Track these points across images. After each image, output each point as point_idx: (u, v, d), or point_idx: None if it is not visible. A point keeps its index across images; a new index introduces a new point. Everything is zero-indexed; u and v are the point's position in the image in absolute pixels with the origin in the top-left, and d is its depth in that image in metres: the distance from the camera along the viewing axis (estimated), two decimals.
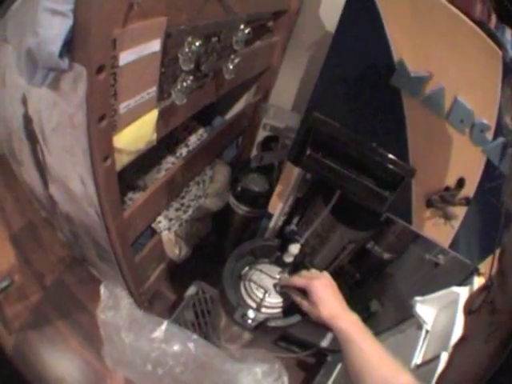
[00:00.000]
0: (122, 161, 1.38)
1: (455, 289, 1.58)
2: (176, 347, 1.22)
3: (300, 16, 2.42)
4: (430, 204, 1.50)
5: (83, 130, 1.15)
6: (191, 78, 1.49)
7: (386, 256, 2.13)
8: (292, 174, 1.77)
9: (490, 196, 1.40)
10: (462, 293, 1.55)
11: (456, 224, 1.54)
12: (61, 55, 0.98)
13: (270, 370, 1.24)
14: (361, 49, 1.33)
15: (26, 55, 1.01)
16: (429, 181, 1.47)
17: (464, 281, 1.64)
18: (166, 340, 1.23)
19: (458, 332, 1.42)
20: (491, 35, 1.20)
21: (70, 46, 1.00)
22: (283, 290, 1.61)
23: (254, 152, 2.97)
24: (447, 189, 1.46)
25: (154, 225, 2.10)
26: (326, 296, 1.42)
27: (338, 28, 1.34)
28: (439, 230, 1.58)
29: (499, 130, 1.31)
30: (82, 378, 2.19)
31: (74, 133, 1.19)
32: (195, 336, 1.26)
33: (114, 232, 1.57)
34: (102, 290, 1.31)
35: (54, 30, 0.95)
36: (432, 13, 1.21)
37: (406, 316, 1.83)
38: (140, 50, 1.18)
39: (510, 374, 0.64)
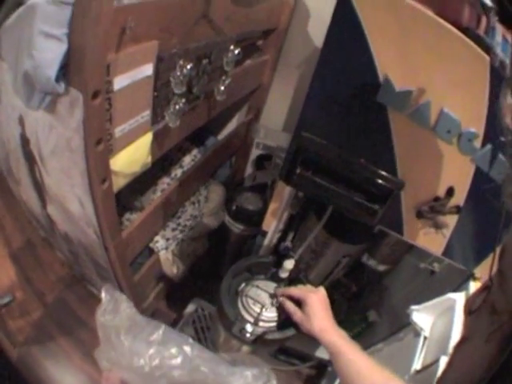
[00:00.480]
0: (118, 183, 1.40)
1: (451, 295, 1.61)
2: (173, 350, 1.23)
3: (289, 34, 2.44)
4: (420, 215, 1.53)
5: (81, 153, 1.17)
6: (183, 100, 1.50)
7: (381, 268, 2.15)
8: (284, 192, 1.79)
9: (488, 197, 1.37)
10: (459, 299, 1.57)
11: (447, 232, 1.56)
12: (57, 79, 1.01)
13: (260, 374, 1.26)
14: (346, 67, 1.36)
15: (23, 78, 1.04)
16: (418, 192, 1.50)
17: (460, 286, 1.67)
18: (163, 343, 1.25)
19: (456, 337, 1.43)
20: (479, 40, 1.23)
21: (65, 71, 1.02)
22: (279, 299, 1.63)
23: (248, 171, 2.98)
24: (437, 199, 1.48)
25: (151, 244, 2.12)
26: (319, 310, 1.46)
27: (323, 46, 1.36)
28: (431, 239, 1.60)
29: (488, 136, 1.33)
30: None
31: (71, 156, 1.21)
32: (191, 340, 1.27)
33: (112, 252, 1.58)
34: (103, 293, 1.31)
35: (49, 53, 0.97)
36: (416, 25, 1.24)
37: (404, 323, 1.84)
38: (133, 75, 1.20)
39: (511, 375, 0.64)
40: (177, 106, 1.49)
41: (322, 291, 1.55)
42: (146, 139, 1.45)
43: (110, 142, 1.26)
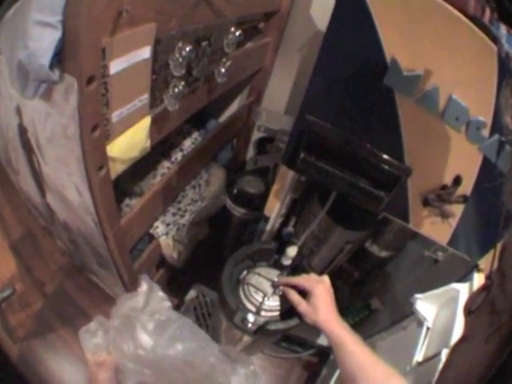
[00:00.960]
0: (116, 169, 1.38)
1: (455, 285, 1.59)
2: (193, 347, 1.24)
3: (291, 16, 2.41)
4: (426, 203, 1.50)
5: (76, 140, 1.15)
6: (183, 83, 1.48)
7: (384, 254, 2.13)
8: (287, 176, 1.76)
9: (490, 195, 1.37)
10: (462, 289, 1.55)
11: (453, 222, 1.54)
12: (51, 67, 0.98)
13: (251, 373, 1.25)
14: (352, 48, 1.32)
15: (17, 68, 1.02)
16: (425, 180, 1.47)
17: (464, 277, 1.64)
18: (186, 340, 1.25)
19: (459, 328, 1.42)
20: (486, 30, 1.20)
21: (60, 57, 1.00)
22: (282, 288, 1.60)
23: (250, 154, 2.99)
24: (444, 187, 1.45)
25: (151, 230, 2.10)
26: (325, 301, 1.44)
27: (328, 28, 1.32)
28: (437, 228, 1.57)
29: (496, 127, 1.30)
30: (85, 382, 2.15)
31: (67, 143, 1.19)
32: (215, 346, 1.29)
33: (111, 239, 1.57)
34: (141, 283, 1.41)
35: (43, 42, 0.94)
36: (424, 10, 1.20)
37: (407, 313, 1.83)
38: (130, 58, 1.17)
39: (511, 375, 0.64)
40: (176, 89, 1.47)
41: (326, 281, 1.52)
42: (145, 123, 1.42)
43: (107, 128, 1.23)
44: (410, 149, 1.41)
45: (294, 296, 1.51)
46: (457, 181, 1.43)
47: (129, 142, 1.37)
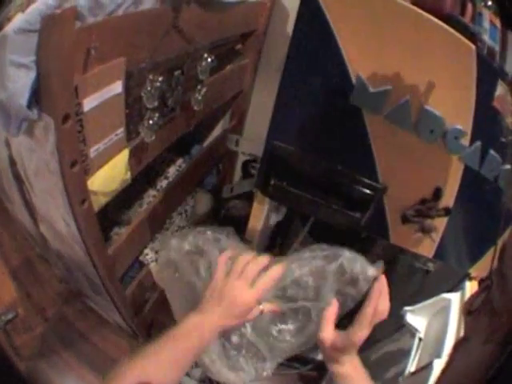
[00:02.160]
0: (99, 201, 1.41)
1: (446, 295, 1.58)
2: None
3: (268, 36, 2.42)
4: (405, 219, 1.46)
5: (58, 175, 1.18)
6: (157, 114, 1.49)
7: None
8: (264, 201, 1.70)
9: (476, 203, 1.40)
10: (454, 299, 1.53)
11: (437, 236, 1.49)
12: (29, 106, 1.02)
13: None
14: (316, 69, 1.28)
15: (0, 108, 1.04)
16: (402, 196, 1.43)
17: (456, 286, 1.62)
18: None
19: (451, 338, 1.37)
20: (463, 28, 1.15)
21: (37, 97, 1.03)
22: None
23: (236, 177, 2.99)
24: (423, 201, 1.42)
25: (141, 257, 2.11)
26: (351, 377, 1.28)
27: (290, 49, 1.30)
28: (420, 243, 1.53)
29: (476, 133, 1.25)
30: None
31: (51, 177, 1.21)
32: None
33: (101, 268, 1.58)
34: None
35: (20, 82, 0.98)
36: (389, 16, 1.16)
37: (400, 325, 1.81)
38: (103, 94, 1.20)
39: (510, 374, 0.64)
40: (150, 121, 1.48)
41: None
42: (123, 156, 1.45)
43: (86, 163, 1.25)
44: (383, 166, 1.36)
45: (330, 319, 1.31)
46: (437, 194, 1.39)
47: (108, 176, 1.39)
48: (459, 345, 0.87)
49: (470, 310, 0.85)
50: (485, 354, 0.71)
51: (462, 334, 1.00)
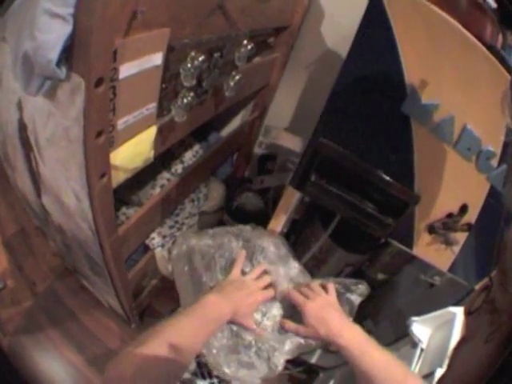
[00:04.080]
0: (118, 178, 1.34)
1: (452, 309, 1.57)
2: None
3: (301, 33, 2.38)
4: (432, 230, 1.49)
5: (79, 144, 1.09)
6: (192, 94, 1.44)
7: (380, 277, 2.12)
8: (292, 198, 1.73)
9: (492, 222, 1.40)
10: (459, 313, 1.54)
11: (457, 249, 1.53)
12: (58, 63, 0.93)
13: None
14: (373, 73, 1.31)
15: (22, 60, 0.95)
16: (432, 207, 1.46)
17: (460, 301, 1.63)
18: None
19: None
20: (501, 59, 1.20)
21: (68, 54, 0.94)
22: (279, 320, 1.58)
23: (250, 169, 2.97)
24: (450, 215, 1.45)
25: (147, 241, 2.06)
26: (319, 317, 1.43)
27: (351, 49, 1.32)
28: (439, 255, 1.57)
29: (504, 156, 1.31)
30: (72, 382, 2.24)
31: (69, 146, 1.13)
32: None
33: (107, 248, 1.52)
34: None
35: (52, 34, 0.88)
36: (445, 37, 1.21)
37: (401, 335, 1.82)
38: (142, 63, 1.13)
39: (510, 374, 0.63)
40: (185, 100, 1.42)
41: (322, 297, 1.53)
42: (150, 133, 1.38)
43: (112, 134, 1.18)
44: (420, 176, 1.40)
45: (290, 326, 1.51)
46: (463, 209, 1.43)
47: (133, 151, 1.33)
48: (460, 345, 0.84)
49: (470, 310, 0.81)
50: (485, 354, 0.70)
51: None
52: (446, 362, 1.38)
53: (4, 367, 1.58)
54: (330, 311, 1.46)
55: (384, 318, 2.25)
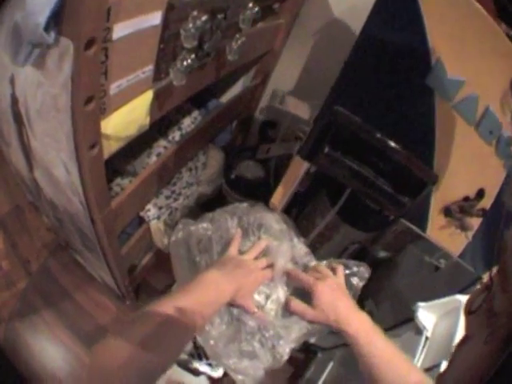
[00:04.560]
0: (110, 148, 1.26)
1: (459, 297, 1.55)
2: None
3: (306, 1, 2.31)
4: (448, 213, 1.45)
5: (67, 113, 1.02)
6: (193, 56, 1.36)
7: (383, 254, 2.06)
8: (300, 169, 1.62)
9: (502, 211, 1.37)
10: (465, 301, 1.46)
11: (470, 235, 1.49)
12: (47, 28, 0.86)
13: None
14: (396, 40, 1.26)
15: (12, 31, 0.92)
16: (450, 189, 1.42)
17: (466, 288, 1.59)
18: None
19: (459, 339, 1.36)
20: None
21: (58, 19, 0.86)
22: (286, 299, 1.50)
23: (250, 137, 2.91)
24: (467, 199, 1.41)
25: (142, 213, 2.00)
26: (330, 300, 1.37)
27: (371, 14, 1.27)
28: (453, 240, 1.52)
29: None
30: (66, 366, 2.27)
31: (57, 116, 1.06)
32: None
33: (99, 224, 1.47)
34: None
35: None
36: (472, 18, 1.18)
37: (402, 318, 1.79)
38: (138, 23, 1.04)
39: (510, 374, 0.61)
40: (184, 62, 1.34)
41: (332, 279, 1.46)
42: (146, 98, 1.30)
43: (103, 100, 1.10)
44: (440, 155, 1.35)
45: (298, 305, 1.42)
46: (480, 194, 1.39)
47: (126, 118, 1.25)
48: (460, 345, 0.82)
49: (470, 310, 0.80)
50: (485, 354, 0.68)
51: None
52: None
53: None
54: (340, 295, 1.40)
55: (385, 299, 2.22)
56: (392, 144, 1.29)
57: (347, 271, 1.57)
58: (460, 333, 1.40)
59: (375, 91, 1.32)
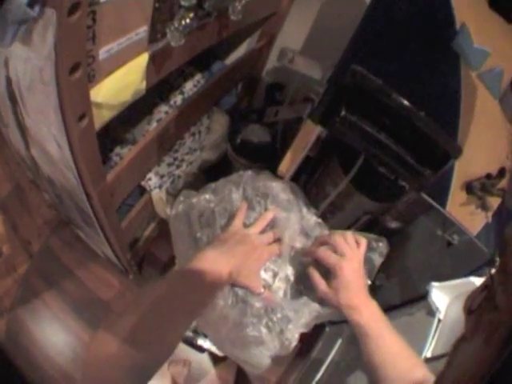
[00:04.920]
0: (102, 117, 1.20)
1: (472, 279, 1.52)
2: None
3: None
4: (469, 190, 1.40)
5: (53, 84, 0.97)
6: (191, 15, 1.28)
7: (394, 225, 1.98)
8: (311, 134, 1.52)
9: None
10: (479, 284, 1.43)
11: (489, 215, 1.45)
12: (31, 4, 0.82)
13: None
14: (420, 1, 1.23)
15: None
16: (472, 165, 1.37)
17: (479, 269, 1.55)
18: None
19: None
20: None
21: None
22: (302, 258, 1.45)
23: (257, 100, 2.84)
24: (489, 176, 1.36)
25: (143, 182, 1.94)
26: (350, 284, 1.29)
27: None
28: (473, 219, 1.47)
29: None
30: (71, 353, 2.27)
31: (44, 89, 1.01)
32: None
33: (95, 199, 1.43)
34: None
35: None
36: None
37: (414, 294, 1.78)
38: None
39: (510, 375, 0.58)
40: (183, 22, 1.26)
41: (357, 257, 1.36)
42: (141, 61, 1.23)
43: (92, 67, 1.03)
44: (464, 127, 1.26)
45: (315, 275, 1.35)
46: (501, 172, 1.35)
47: (119, 84, 1.19)
48: (459, 343, 0.78)
49: (470, 309, 0.78)
50: (485, 354, 0.65)
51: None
52: None
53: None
54: (358, 279, 1.33)
55: (396, 274, 2.18)
56: (416, 110, 1.17)
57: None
58: None
59: (397, 50, 1.23)
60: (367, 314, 1.25)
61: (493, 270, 0.71)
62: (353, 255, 1.34)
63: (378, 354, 1.19)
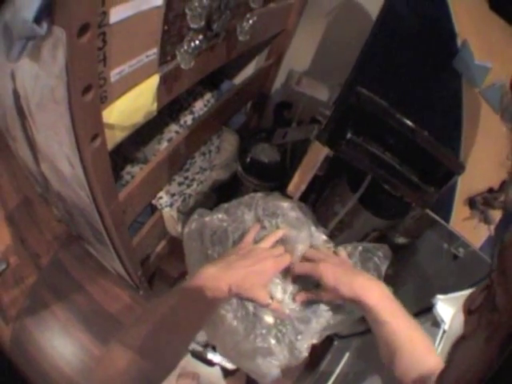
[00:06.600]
0: (114, 138, 1.21)
1: None
2: None
3: None
4: (472, 205, 1.41)
5: (65, 104, 0.97)
6: (200, 37, 1.30)
7: (402, 241, 2.02)
8: (319, 155, 1.55)
9: None
10: None
11: (492, 228, 1.43)
12: (38, 20, 0.81)
13: None
14: (420, 20, 1.25)
15: (2, 30, 0.88)
16: (475, 180, 1.38)
17: (482, 281, 1.50)
18: None
19: None
20: None
21: (50, 9, 0.81)
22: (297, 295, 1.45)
23: (266, 120, 2.85)
24: (491, 190, 1.37)
25: (154, 201, 1.96)
26: (338, 276, 1.32)
27: None
28: (476, 232, 1.47)
29: None
30: (79, 364, 2.24)
31: (56, 108, 1.01)
32: None
33: (107, 217, 1.43)
34: None
35: None
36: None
37: (421, 307, 1.73)
38: (138, 4, 0.97)
39: (510, 374, 0.59)
40: (192, 44, 1.28)
41: (333, 258, 1.45)
42: (152, 83, 1.24)
43: (104, 88, 1.04)
44: (467, 144, 1.28)
45: (307, 296, 1.42)
46: (503, 186, 1.35)
47: (131, 106, 1.19)
48: (458, 344, 0.80)
49: (470, 309, 0.80)
50: (485, 354, 0.66)
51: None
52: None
53: (5, 363, 1.57)
54: (346, 268, 1.37)
55: (403, 286, 2.15)
56: (420, 130, 1.19)
57: (369, 254, 1.56)
58: None
59: (399, 73, 1.25)
60: (376, 294, 1.27)
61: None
62: (326, 256, 1.41)
63: (392, 338, 1.20)
